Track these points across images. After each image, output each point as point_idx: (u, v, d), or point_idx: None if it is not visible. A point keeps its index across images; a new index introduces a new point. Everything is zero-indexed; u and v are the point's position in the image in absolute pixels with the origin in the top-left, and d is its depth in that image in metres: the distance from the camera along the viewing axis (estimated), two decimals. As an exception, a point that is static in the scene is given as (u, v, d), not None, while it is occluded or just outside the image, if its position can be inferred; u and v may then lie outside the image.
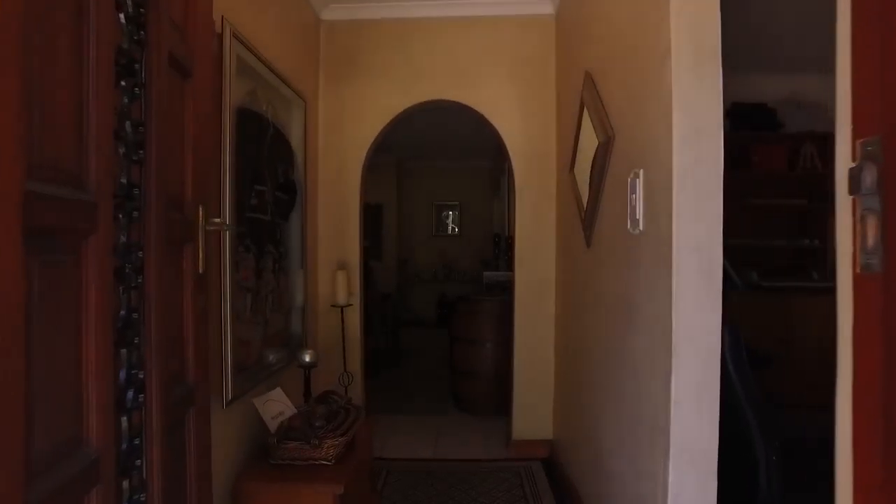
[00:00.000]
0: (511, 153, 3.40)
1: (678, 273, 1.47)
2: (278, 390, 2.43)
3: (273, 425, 2.24)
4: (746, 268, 4.51)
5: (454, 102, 3.42)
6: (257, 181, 2.32)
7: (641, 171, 1.73)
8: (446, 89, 3.41)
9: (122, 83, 1.07)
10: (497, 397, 4.05)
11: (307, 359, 2.59)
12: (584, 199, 2.44)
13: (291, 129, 2.88)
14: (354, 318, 3.47)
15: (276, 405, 2.39)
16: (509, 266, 3.47)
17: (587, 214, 2.40)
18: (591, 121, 2.32)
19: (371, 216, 8.98)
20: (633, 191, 1.77)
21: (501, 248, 7.78)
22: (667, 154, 1.53)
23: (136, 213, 1.11)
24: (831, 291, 3.20)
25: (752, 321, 4.42)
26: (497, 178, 8.54)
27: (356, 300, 3.47)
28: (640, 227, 1.73)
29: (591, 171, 2.28)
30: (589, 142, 2.36)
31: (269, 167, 2.49)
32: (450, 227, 9.50)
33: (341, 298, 3.26)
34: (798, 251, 4.81)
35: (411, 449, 3.57)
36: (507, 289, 4.17)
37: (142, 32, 1.13)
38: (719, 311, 1.48)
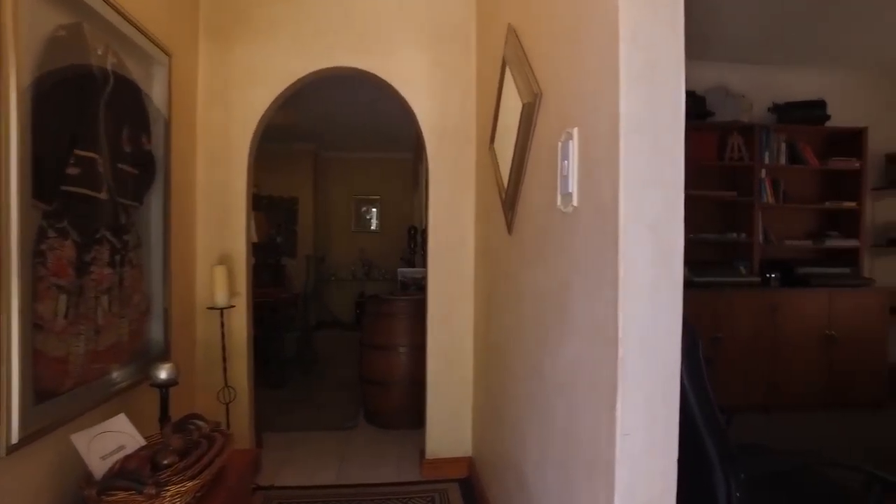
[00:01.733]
0: (425, 131, 2.96)
1: (627, 259, 1.07)
2: (121, 418, 1.87)
3: (101, 468, 1.68)
4: (675, 263, 4.28)
5: (358, 70, 2.94)
6: (80, 144, 1.75)
7: (576, 130, 1.33)
8: (350, 55, 2.92)
9: None
10: (413, 409, 3.62)
11: (162, 375, 2.04)
12: (505, 177, 2.03)
13: (153, 91, 2.31)
14: (239, 322, 2.92)
15: (113, 439, 1.82)
16: (425, 262, 3.04)
17: (508, 194, 1.99)
18: (515, 81, 1.91)
19: (285, 210, 8.34)
20: (566, 156, 1.37)
21: (418, 242, 7.35)
22: (611, 100, 1.13)
23: None
24: (759, 285, 2.96)
25: (685, 318, 4.22)
26: (419, 170, 8.12)
27: (242, 300, 2.92)
28: (574, 202, 1.33)
29: (515, 142, 1.87)
30: (511, 107, 1.95)
31: (107, 130, 1.92)
32: (370, 223, 8.98)
33: (220, 299, 2.71)
34: (726, 245, 4.66)
35: (310, 474, 3.06)
36: (423, 287, 3.74)
37: None
38: (680, 308, 1.10)
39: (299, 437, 3.63)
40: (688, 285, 4.22)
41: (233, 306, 2.81)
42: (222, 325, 2.74)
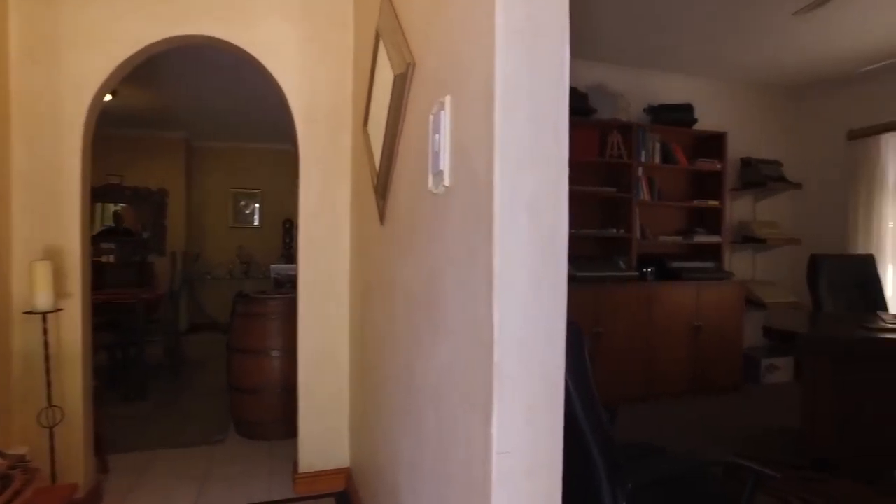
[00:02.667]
0: (295, 113, 2.67)
1: (503, 246, 0.91)
2: None
3: None
4: (559, 258, 4.30)
5: (217, 40, 2.59)
6: None
7: (448, 99, 1.15)
8: (208, 22, 2.56)
9: None
10: (289, 418, 3.30)
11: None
12: (378, 159, 1.83)
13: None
14: (72, 329, 2.47)
15: None
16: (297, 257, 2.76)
17: (380, 180, 1.78)
18: (388, 53, 1.70)
19: (153, 203, 7.55)
20: (437, 129, 1.19)
21: (294, 237, 6.94)
22: (486, 60, 0.96)
23: None
24: (636, 279, 2.97)
25: (568, 314, 4.26)
26: (303, 162, 7.69)
27: (75, 303, 2.47)
28: (446, 182, 1.15)
29: (386, 121, 1.67)
30: (384, 82, 1.75)
31: None
32: (250, 218, 8.40)
33: (42, 301, 2.26)
34: (606, 240, 4.78)
35: (163, 499, 2.67)
36: (300, 284, 3.43)
37: None
38: (564, 303, 0.95)
39: (156, 456, 3.20)
40: (571, 280, 4.25)
41: (60, 310, 2.36)
42: (45, 332, 2.29)
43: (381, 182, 1.79)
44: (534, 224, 0.91)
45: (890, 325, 3.11)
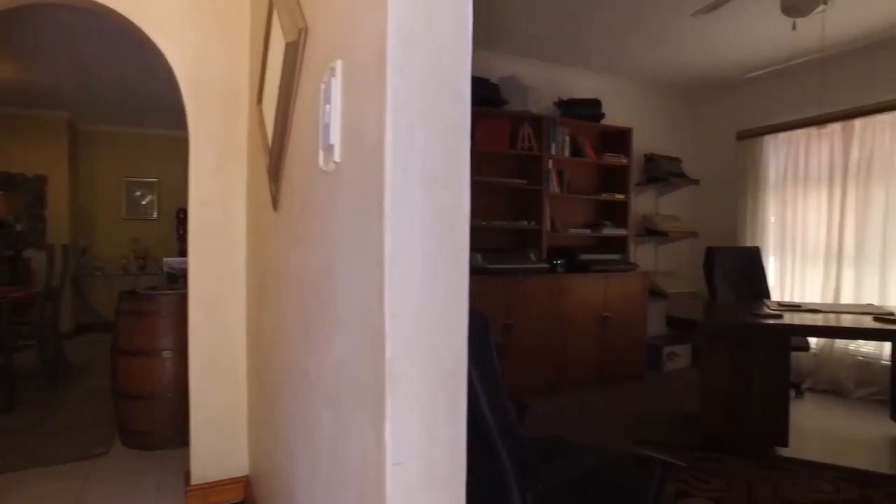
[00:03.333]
0: (184, 90, 2.42)
1: (395, 226, 0.80)
2: None
3: None
4: (471, 251, 4.26)
5: (97, 4, 2.30)
6: None
7: (339, 64, 1.02)
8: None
9: None
10: (183, 424, 3.03)
11: None
12: (270, 139, 1.66)
13: None
14: None
15: None
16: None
17: (272, 160, 1.62)
18: (281, 20, 1.54)
19: (28, 191, 6.78)
20: (328, 99, 1.05)
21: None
22: (378, 17, 0.84)
23: None
24: (547, 272, 2.94)
25: (479, 307, 4.23)
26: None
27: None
28: (336, 157, 1.02)
29: (279, 95, 1.51)
30: (277, 51, 1.58)
31: None
32: (147, 210, 7.79)
33: None
34: (517, 232, 4.79)
35: (27, 525, 2.35)
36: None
37: None
38: (466, 291, 0.86)
39: (20, 478, 2.82)
40: (482, 273, 4.27)
41: None
42: None
43: (273, 164, 1.62)
44: (430, 200, 0.81)
45: (774, 312, 3.31)
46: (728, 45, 4.55)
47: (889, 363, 3.92)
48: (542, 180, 4.64)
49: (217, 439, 2.55)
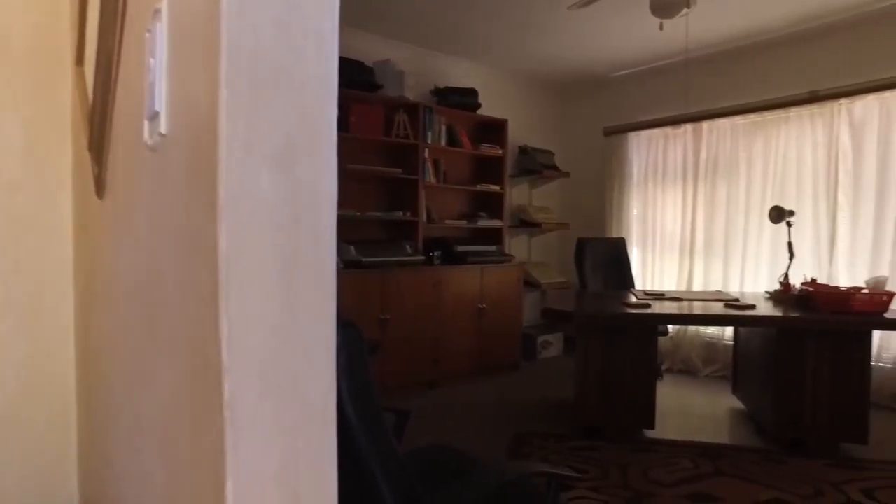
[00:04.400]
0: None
1: (234, 218, 0.58)
2: None
3: None
4: (344, 243, 4.05)
5: None
6: None
7: (164, 5, 0.78)
8: None
9: None
10: None
11: None
12: (90, 105, 1.33)
13: None
14: None
15: None
16: None
17: (94, 134, 1.30)
18: (99, -41, 1.22)
19: None
20: (153, 51, 0.80)
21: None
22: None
23: None
24: (423, 264, 2.79)
25: (354, 303, 4.03)
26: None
27: None
28: (163, 128, 0.78)
29: (98, 46, 1.19)
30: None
31: None
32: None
33: None
34: (392, 224, 4.63)
35: None
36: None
37: None
38: (333, 305, 0.66)
39: None
40: (356, 265, 4.05)
41: None
42: None
43: (94, 138, 1.30)
44: (283, 184, 0.60)
45: (642, 301, 3.45)
46: (600, 42, 4.70)
47: (731, 343, 4.29)
48: (418, 169, 4.51)
49: (35, 475, 2.11)
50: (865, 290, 3.10)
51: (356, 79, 4.12)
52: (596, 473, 2.80)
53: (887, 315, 3.00)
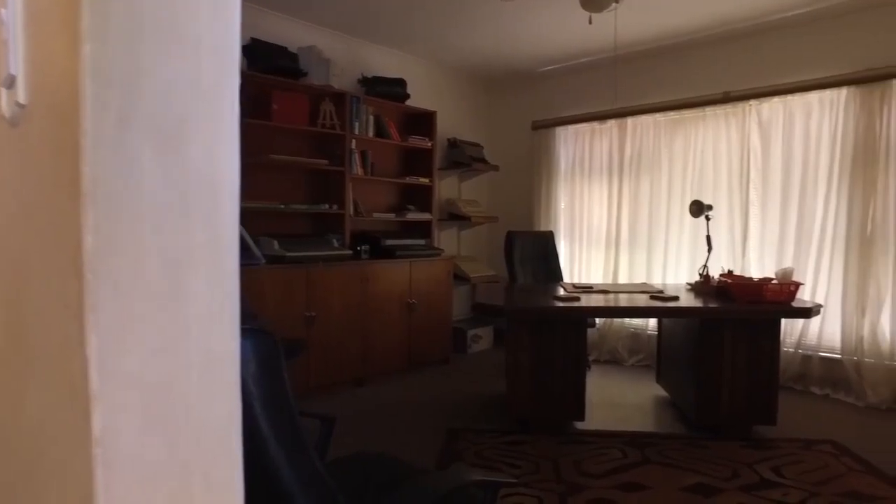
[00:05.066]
0: None
1: (103, 210, 0.46)
2: None
3: None
4: (266, 237, 3.85)
5: None
6: None
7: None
8: None
9: None
10: None
11: None
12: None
13: None
14: None
15: None
16: None
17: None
18: None
19: None
20: (4, 1, 0.65)
21: None
22: None
23: None
24: (350, 258, 2.66)
25: (277, 300, 3.83)
26: None
27: None
28: (21, 97, 0.63)
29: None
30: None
31: None
32: None
33: None
34: (318, 217, 4.45)
35: None
36: None
37: None
38: (236, 312, 0.55)
39: None
40: (279, 261, 3.85)
41: None
42: None
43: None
44: (171, 167, 0.49)
45: (572, 295, 3.48)
46: (529, 35, 4.70)
47: (655, 333, 4.44)
48: (345, 161, 4.35)
49: None
50: (775, 281, 3.25)
51: (279, 64, 3.91)
52: (528, 468, 2.79)
53: (794, 304, 3.16)
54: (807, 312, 3.16)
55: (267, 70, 3.85)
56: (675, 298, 3.35)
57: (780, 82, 4.32)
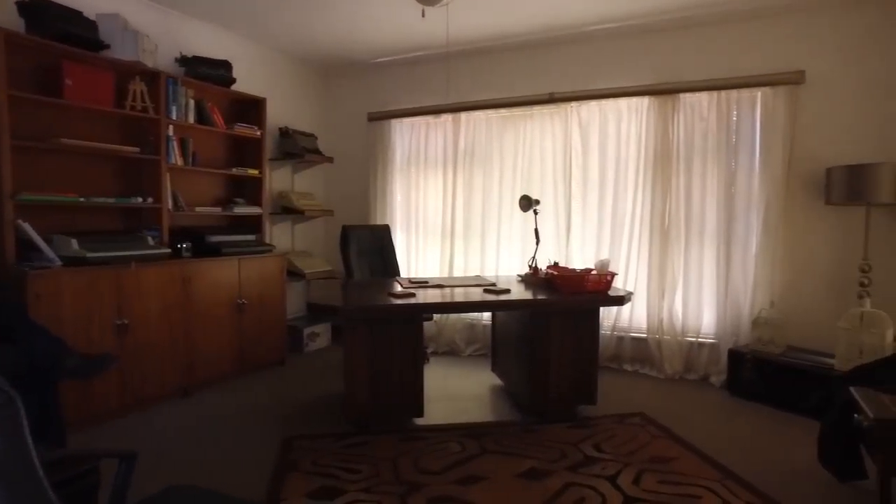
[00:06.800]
0: None
1: None
2: None
3: None
4: (62, 235, 3.31)
5: None
6: None
7: None
8: None
9: None
10: None
11: None
12: None
13: None
14: None
15: None
16: None
17: None
18: None
19: None
20: None
21: None
22: None
23: None
24: (170, 257, 2.39)
25: (78, 308, 3.27)
26: None
27: None
28: None
29: None
30: None
31: None
32: None
33: None
34: (129, 211, 3.92)
35: None
36: None
37: None
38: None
39: None
40: (79, 262, 3.30)
41: None
42: None
43: None
44: None
45: (408, 291, 3.46)
46: (363, 25, 4.58)
47: (489, 324, 4.62)
48: (161, 149, 3.88)
49: None
50: (595, 272, 3.53)
51: (71, 32, 3.32)
52: (368, 472, 2.71)
53: (610, 293, 3.46)
54: (621, 300, 3.47)
55: (55, 37, 3.25)
56: (507, 291, 3.48)
57: (597, 87, 4.71)
